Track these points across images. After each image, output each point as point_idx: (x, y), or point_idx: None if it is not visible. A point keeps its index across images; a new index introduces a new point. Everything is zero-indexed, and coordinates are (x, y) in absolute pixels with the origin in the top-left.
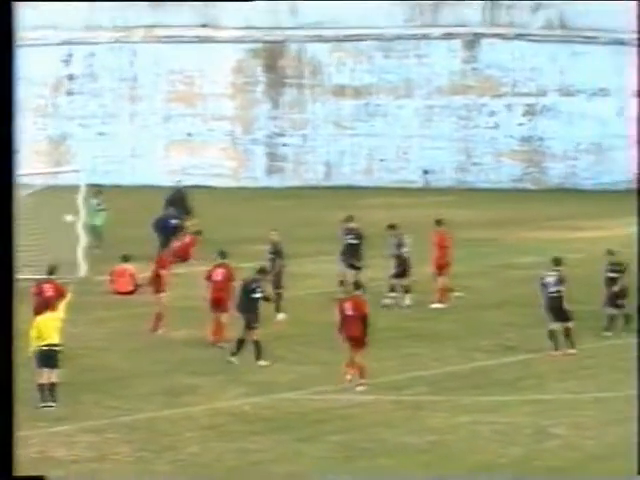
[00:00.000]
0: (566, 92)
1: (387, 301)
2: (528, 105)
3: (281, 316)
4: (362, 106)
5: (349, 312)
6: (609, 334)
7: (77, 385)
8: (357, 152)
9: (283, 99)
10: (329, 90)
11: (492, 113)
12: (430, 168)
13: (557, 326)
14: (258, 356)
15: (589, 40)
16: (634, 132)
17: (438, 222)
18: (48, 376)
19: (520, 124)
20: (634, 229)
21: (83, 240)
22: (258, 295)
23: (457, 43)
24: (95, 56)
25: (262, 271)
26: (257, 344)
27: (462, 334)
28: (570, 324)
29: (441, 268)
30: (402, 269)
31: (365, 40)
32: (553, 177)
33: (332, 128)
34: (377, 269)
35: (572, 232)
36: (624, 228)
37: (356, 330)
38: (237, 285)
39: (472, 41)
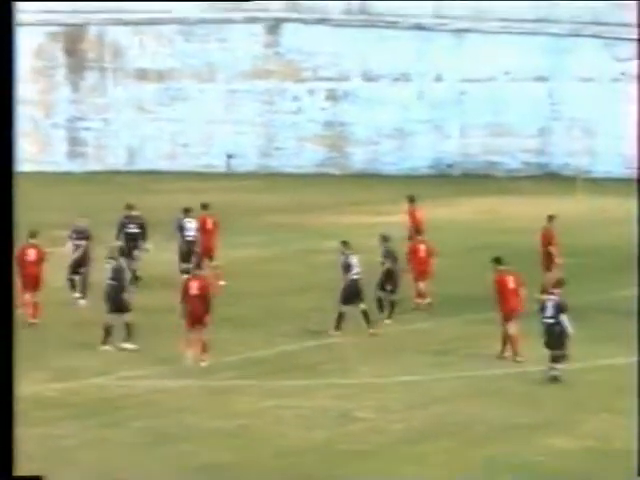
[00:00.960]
0: (368, 77)
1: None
2: (330, 90)
3: (83, 302)
4: (164, 90)
5: (194, 291)
6: (388, 321)
7: None
8: (160, 137)
9: (84, 83)
10: (131, 74)
11: (295, 98)
12: (233, 153)
13: (351, 308)
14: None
15: (390, 25)
16: (434, 117)
17: (203, 206)
18: None
19: (322, 109)
20: (437, 211)
21: None
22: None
23: (259, 28)
24: None
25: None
26: (128, 326)
27: (267, 319)
28: (365, 306)
29: (207, 252)
30: (187, 252)
31: (167, 24)
32: (356, 162)
33: (134, 112)
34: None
35: (374, 217)
36: (424, 212)
37: (200, 309)
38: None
39: (274, 26)
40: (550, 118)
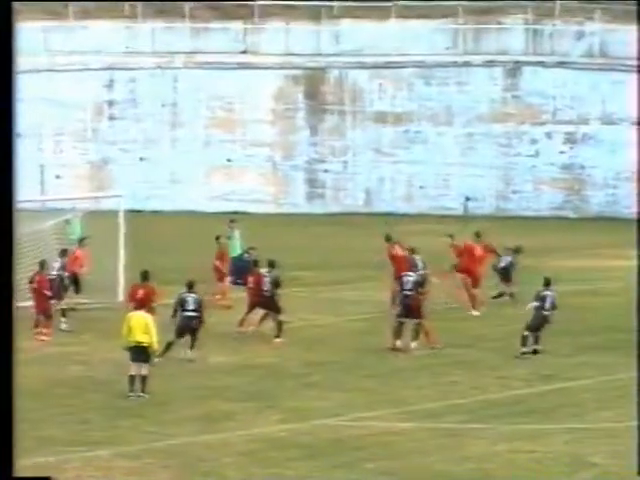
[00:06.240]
0: (607, 120)
1: None
2: (569, 133)
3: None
4: (402, 133)
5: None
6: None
7: (113, 410)
8: (397, 179)
9: (323, 125)
10: (369, 117)
11: (533, 141)
12: (470, 195)
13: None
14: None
15: (629, 69)
16: None
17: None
18: (138, 369)
19: (561, 152)
20: None
21: (121, 264)
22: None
23: (498, 71)
24: (136, 81)
25: None
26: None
27: (499, 362)
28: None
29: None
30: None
31: (406, 67)
32: (594, 205)
33: (372, 155)
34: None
35: (612, 260)
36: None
37: None
38: None
39: (513, 69)
40: None
